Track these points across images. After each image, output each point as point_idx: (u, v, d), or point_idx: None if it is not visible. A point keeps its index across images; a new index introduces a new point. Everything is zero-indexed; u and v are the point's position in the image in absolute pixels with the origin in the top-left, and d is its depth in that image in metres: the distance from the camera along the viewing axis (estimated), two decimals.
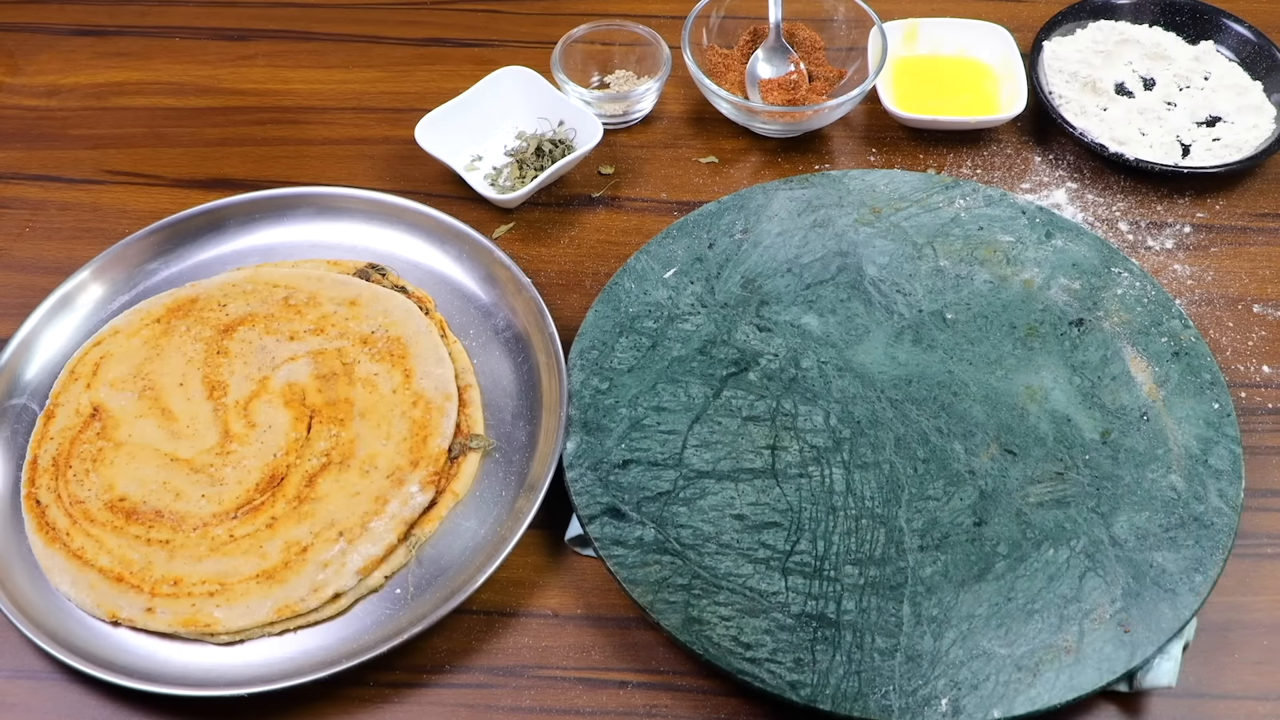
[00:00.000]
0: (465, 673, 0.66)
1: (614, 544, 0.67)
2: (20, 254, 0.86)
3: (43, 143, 0.94)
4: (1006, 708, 0.61)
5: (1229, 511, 0.68)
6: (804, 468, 0.71)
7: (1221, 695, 0.65)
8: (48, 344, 0.78)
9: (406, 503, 0.69)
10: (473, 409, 0.75)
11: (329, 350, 0.76)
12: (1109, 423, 0.72)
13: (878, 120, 0.93)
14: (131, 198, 0.89)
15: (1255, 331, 0.81)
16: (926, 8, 1.01)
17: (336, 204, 0.84)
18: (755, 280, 0.79)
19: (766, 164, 0.91)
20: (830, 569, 0.66)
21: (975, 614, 0.65)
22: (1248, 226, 0.86)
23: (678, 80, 0.95)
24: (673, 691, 0.65)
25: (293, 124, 0.95)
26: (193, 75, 0.98)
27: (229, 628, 0.65)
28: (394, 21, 1.02)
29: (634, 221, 0.87)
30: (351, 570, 0.67)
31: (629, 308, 0.78)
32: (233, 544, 0.68)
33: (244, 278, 0.81)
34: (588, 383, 0.74)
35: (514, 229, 0.86)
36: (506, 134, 0.90)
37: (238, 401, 0.74)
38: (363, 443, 0.72)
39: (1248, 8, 0.98)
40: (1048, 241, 0.81)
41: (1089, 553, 0.67)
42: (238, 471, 0.71)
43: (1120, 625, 0.64)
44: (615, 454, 0.71)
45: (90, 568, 0.68)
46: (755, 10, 0.93)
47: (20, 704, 0.66)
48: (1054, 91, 0.91)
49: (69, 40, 1.02)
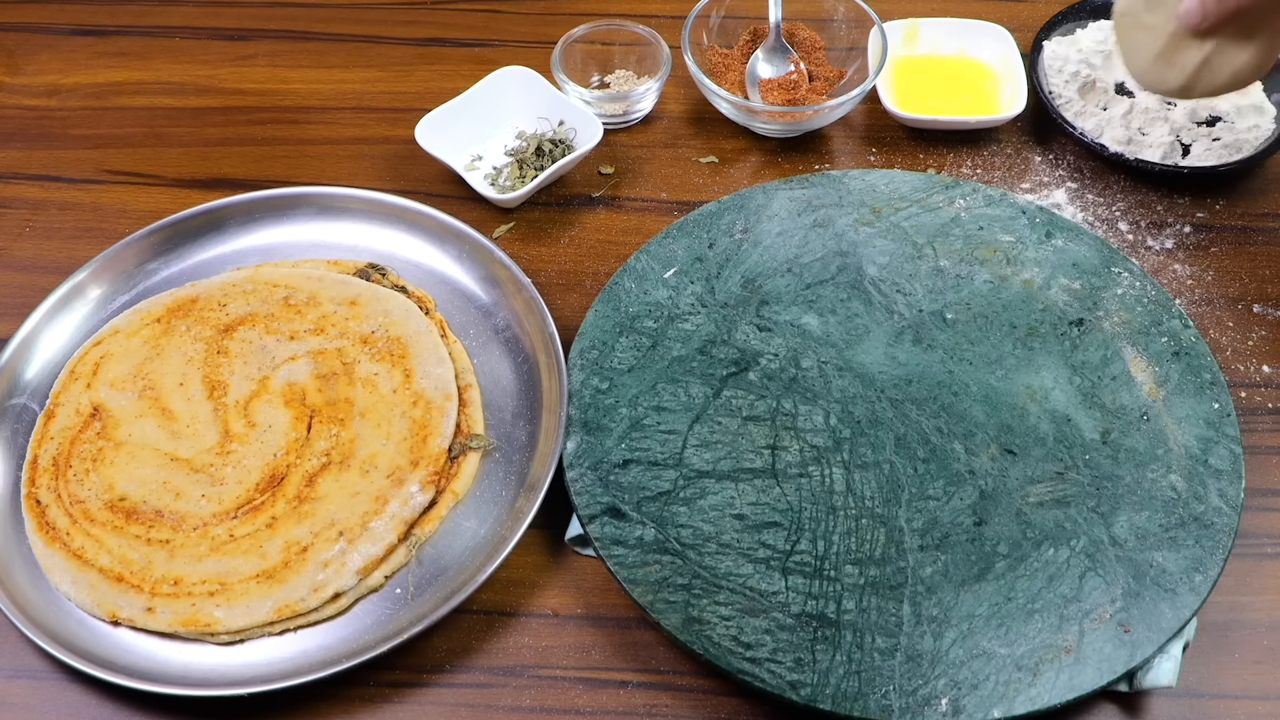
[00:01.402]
0: (465, 673, 0.66)
1: (614, 544, 0.67)
2: (20, 254, 0.86)
3: (43, 143, 0.94)
4: (1006, 708, 0.61)
5: (1229, 511, 0.68)
6: (804, 467, 0.71)
7: (1221, 695, 0.65)
8: (48, 344, 0.78)
9: (406, 502, 0.69)
10: (473, 409, 0.75)
11: (329, 350, 0.76)
12: (1109, 423, 0.72)
13: (878, 120, 0.93)
14: (131, 198, 0.90)
15: (1255, 331, 0.81)
16: (926, 8, 1.01)
17: (336, 204, 0.84)
18: (755, 280, 0.80)
19: (766, 164, 0.91)
20: (830, 569, 0.66)
21: (975, 614, 0.65)
22: (1248, 226, 0.86)
23: (678, 80, 0.95)
24: (673, 691, 0.65)
25: (293, 124, 0.95)
26: (193, 75, 0.98)
27: (229, 627, 0.65)
28: (394, 21, 1.02)
29: (634, 221, 0.87)
30: (351, 570, 0.67)
31: (629, 307, 0.78)
32: (233, 544, 0.68)
33: (244, 277, 0.81)
34: (588, 383, 0.74)
35: (514, 229, 0.86)
36: (506, 134, 0.90)
37: (238, 401, 0.74)
38: (363, 442, 0.72)
39: None
40: (1048, 241, 0.81)
41: (1089, 553, 0.67)
42: (238, 471, 0.71)
43: (1120, 625, 0.64)
44: (615, 454, 0.71)
45: (90, 567, 0.68)
46: (755, 10, 0.93)
47: (20, 704, 0.66)
48: (1054, 92, 0.91)
49: (69, 40, 1.02)
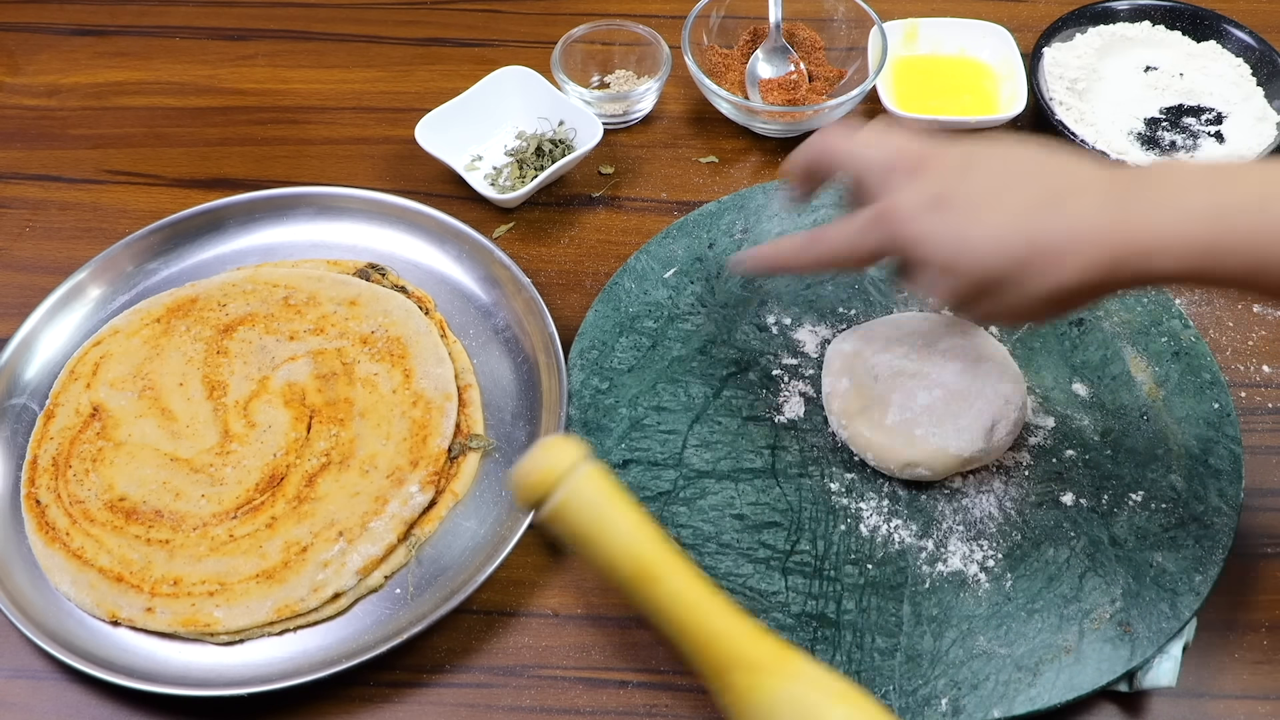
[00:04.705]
0: (465, 672, 0.66)
1: None
2: (20, 254, 0.86)
3: (43, 143, 0.94)
4: (1006, 708, 0.61)
5: (1229, 511, 0.68)
6: (804, 468, 0.71)
7: (1221, 695, 0.65)
8: (48, 344, 0.78)
9: (406, 502, 0.69)
10: (472, 409, 0.75)
11: (329, 350, 0.76)
12: (1109, 423, 0.72)
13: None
14: (131, 198, 0.89)
15: (1255, 331, 0.81)
16: (926, 8, 1.01)
17: (336, 204, 0.84)
18: (755, 280, 0.79)
19: (766, 164, 0.91)
20: (830, 569, 0.66)
21: (975, 614, 0.65)
22: None
23: (678, 80, 0.95)
24: (673, 691, 0.65)
25: (293, 124, 0.95)
26: (193, 75, 0.98)
27: (229, 627, 0.65)
28: (394, 21, 1.02)
29: (634, 221, 0.87)
30: (351, 570, 0.67)
31: (629, 308, 0.78)
32: (232, 544, 0.68)
33: (244, 277, 0.81)
34: (588, 383, 0.74)
35: (514, 229, 0.86)
36: (506, 134, 0.90)
37: (237, 401, 0.74)
38: (362, 443, 0.72)
39: (1247, 8, 0.98)
40: None
41: (1089, 553, 0.67)
42: (238, 471, 0.71)
43: (1120, 625, 0.64)
44: (615, 454, 0.71)
45: (90, 568, 0.68)
46: (755, 10, 0.93)
47: (20, 704, 0.66)
48: (1054, 98, 0.91)
49: (69, 40, 1.02)
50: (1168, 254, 0.52)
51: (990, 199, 0.55)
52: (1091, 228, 0.53)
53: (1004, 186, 0.55)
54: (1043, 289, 0.54)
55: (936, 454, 0.67)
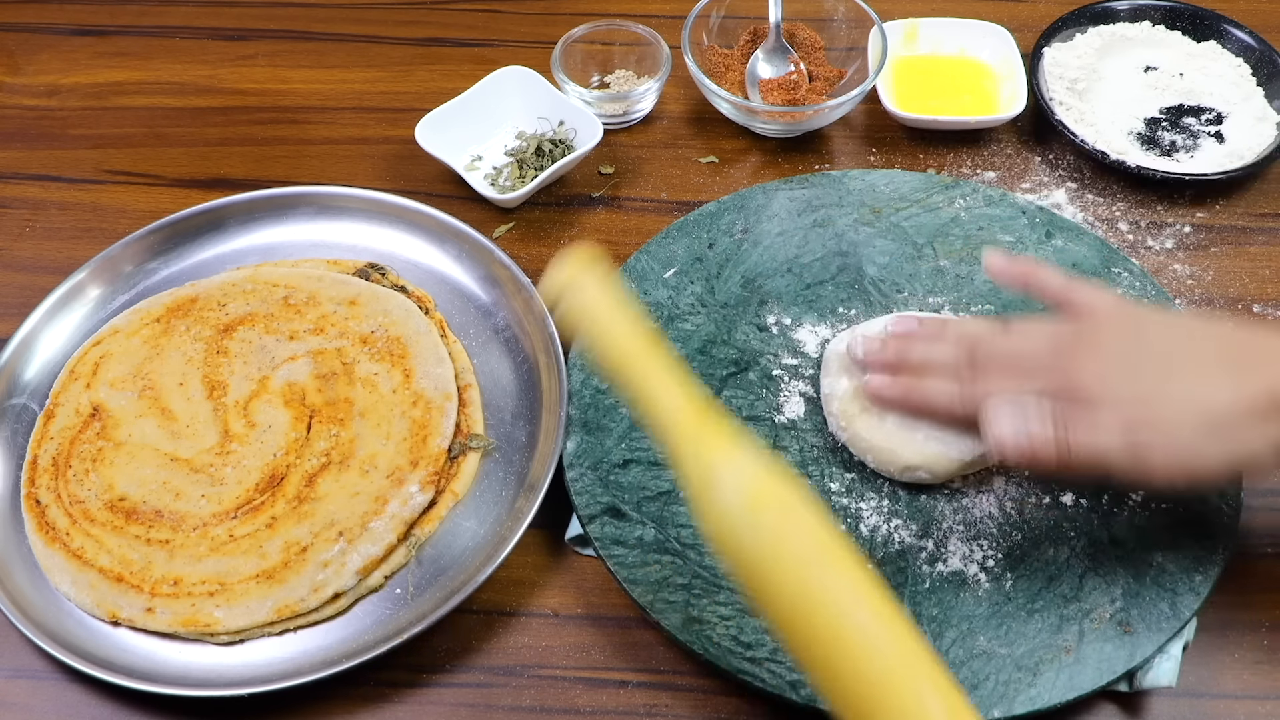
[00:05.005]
0: (465, 672, 0.66)
1: (614, 544, 0.67)
2: (20, 254, 0.86)
3: (43, 143, 0.94)
4: (1006, 708, 0.61)
5: (1229, 511, 0.68)
6: (804, 468, 0.70)
7: (1221, 695, 0.65)
8: (48, 344, 0.78)
9: (406, 502, 0.69)
10: (472, 409, 0.75)
11: (329, 350, 0.76)
12: None
13: (878, 120, 0.93)
14: (131, 198, 0.90)
15: None
16: (926, 8, 1.01)
17: (336, 204, 0.84)
18: (755, 280, 0.79)
19: (766, 164, 0.91)
20: None
21: (975, 614, 0.65)
22: (1248, 227, 0.86)
23: (678, 80, 0.95)
24: (673, 691, 0.65)
25: (293, 124, 0.95)
26: (193, 75, 0.98)
27: (229, 628, 0.65)
28: (394, 21, 1.02)
29: (634, 221, 0.87)
30: (351, 570, 0.67)
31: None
32: (233, 544, 0.68)
33: (244, 277, 0.81)
34: (588, 382, 0.74)
35: (514, 229, 0.86)
36: (506, 134, 0.90)
37: (237, 401, 0.74)
38: (362, 442, 0.72)
39: (1247, 8, 0.98)
40: (1048, 241, 0.81)
41: (1089, 552, 0.67)
42: (238, 471, 0.71)
43: (1120, 625, 0.64)
44: (615, 453, 0.71)
45: (90, 568, 0.68)
46: (755, 10, 0.93)
47: (20, 704, 0.66)
48: (1054, 98, 0.91)
49: (69, 40, 1.02)
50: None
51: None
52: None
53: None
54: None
55: (937, 458, 0.67)
